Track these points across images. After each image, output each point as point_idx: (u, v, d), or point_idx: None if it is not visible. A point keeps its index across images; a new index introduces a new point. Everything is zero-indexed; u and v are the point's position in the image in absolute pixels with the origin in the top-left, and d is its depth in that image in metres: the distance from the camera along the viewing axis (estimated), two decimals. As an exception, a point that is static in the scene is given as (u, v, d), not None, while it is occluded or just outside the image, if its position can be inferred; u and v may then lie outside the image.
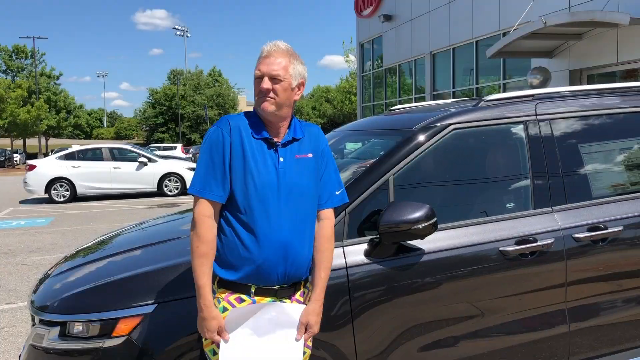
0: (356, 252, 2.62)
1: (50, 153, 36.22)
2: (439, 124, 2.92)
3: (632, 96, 3.31)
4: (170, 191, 16.79)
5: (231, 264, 2.15)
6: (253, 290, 2.16)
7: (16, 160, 44.01)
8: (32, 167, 15.97)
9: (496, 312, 2.79)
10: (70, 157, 16.27)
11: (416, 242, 2.67)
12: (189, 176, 16.98)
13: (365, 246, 2.64)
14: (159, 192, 16.77)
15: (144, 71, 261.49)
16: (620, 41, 11.47)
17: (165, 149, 39.55)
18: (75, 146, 17.45)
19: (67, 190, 15.86)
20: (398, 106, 4.18)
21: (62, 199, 15.77)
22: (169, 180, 16.84)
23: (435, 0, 18.15)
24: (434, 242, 2.70)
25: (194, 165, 17.77)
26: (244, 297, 2.16)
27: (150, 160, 16.82)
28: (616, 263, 2.97)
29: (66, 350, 2.46)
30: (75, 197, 16.03)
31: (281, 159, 2.18)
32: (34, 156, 42.45)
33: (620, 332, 3.01)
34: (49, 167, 15.94)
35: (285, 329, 2.15)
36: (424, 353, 2.70)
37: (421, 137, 2.86)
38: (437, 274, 2.68)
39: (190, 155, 36.86)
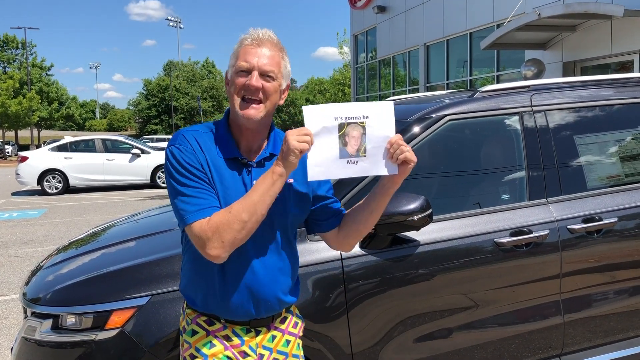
0: (351, 244, 2.60)
1: (42, 145, 35.98)
2: (434, 115, 2.90)
3: (627, 87, 3.31)
4: (164, 183, 16.72)
5: (197, 298, 1.86)
6: (223, 320, 1.87)
7: (8, 152, 43.71)
8: (24, 159, 15.87)
9: (491, 303, 2.79)
10: (62, 148, 16.19)
11: (411, 234, 2.66)
12: (182, 168, 16.91)
13: (360, 238, 2.63)
14: (152, 184, 16.73)
15: (137, 62, 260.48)
16: (614, 33, 11.48)
17: (158, 140, 39.45)
18: (68, 138, 17.34)
19: (59, 181, 15.79)
20: (393, 97, 4.16)
21: (54, 191, 15.69)
22: (162, 172, 16.77)
23: (430, -8, 18.11)
24: (429, 234, 2.69)
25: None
26: (214, 320, 1.87)
27: (143, 151, 16.75)
28: (611, 254, 2.98)
29: (59, 342, 2.44)
30: (67, 188, 15.96)
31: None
32: (26, 148, 42.16)
33: (614, 323, 3.02)
34: (41, 158, 15.85)
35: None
36: (418, 344, 2.70)
37: (416, 129, 2.85)
38: (432, 265, 2.67)
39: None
